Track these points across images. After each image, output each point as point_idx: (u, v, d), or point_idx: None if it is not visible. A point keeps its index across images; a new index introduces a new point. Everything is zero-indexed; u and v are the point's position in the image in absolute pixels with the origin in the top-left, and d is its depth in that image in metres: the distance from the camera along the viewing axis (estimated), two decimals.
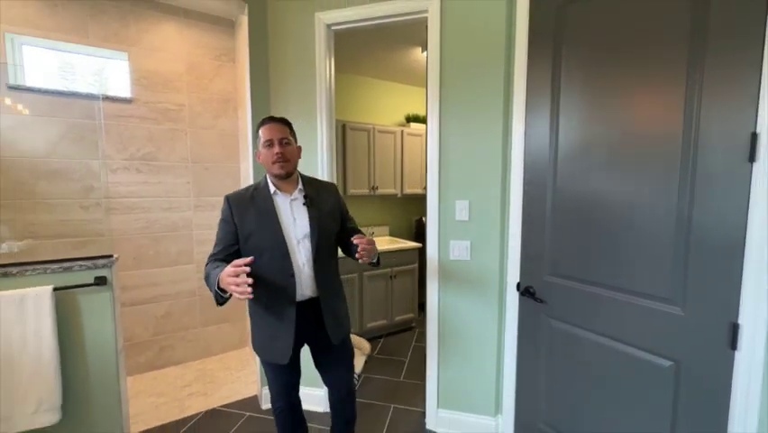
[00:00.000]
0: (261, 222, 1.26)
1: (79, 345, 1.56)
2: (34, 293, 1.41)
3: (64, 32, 2.23)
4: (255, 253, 1.21)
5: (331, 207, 1.39)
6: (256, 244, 1.25)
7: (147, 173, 2.49)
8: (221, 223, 1.30)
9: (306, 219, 1.30)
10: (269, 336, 1.30)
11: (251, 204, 1.28)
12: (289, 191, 1.32)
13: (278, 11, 1.91)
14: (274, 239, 1.25)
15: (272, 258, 1.25)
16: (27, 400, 1.41)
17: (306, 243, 1.29)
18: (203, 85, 2.66)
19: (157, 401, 2.14)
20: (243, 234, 1.26)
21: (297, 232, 1.29)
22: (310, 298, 1.31)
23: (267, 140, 1.28)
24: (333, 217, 1.40)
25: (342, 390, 1.47)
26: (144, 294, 2.50)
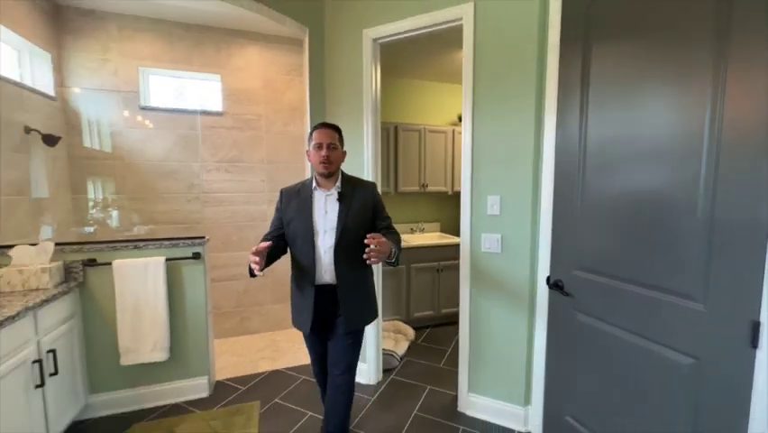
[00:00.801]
0: (299, 212, 1.46)
1: (181, 304, 2.04)
2: (154, 261, 1.91)
3: (176, 62, 2.84)
4: (292, 238, 1.47)
5: (362, 204, 1.49)
6: (293, 230, 1.47)
7: (233, 173, 3.02)
8: (275, 210, 1.56)
9: (334, 214, 1.44)
10: (297, 309, 1.52)
11: (296, 196, 1.50)
12: (328, 188, 1.48)
13: (333, 31, 2.20)
14: (305, 227, 1.44)
15: (302, 243, 1.44)
16: (147, 340, 1.91)
17: (331, 234, 1.42)
18: (276, 97, 3.11)
19: (236, 360, 2.61)
20: (286, 220, 1.49)
21: (325, 223, 1.43)
22: (329, 284, 1.44)
23: (317, 143, 1.44)
24: (363, 214, 1.48)
25: (338, 384, 1.48)
26: (229, 272, 3.04)
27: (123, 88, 2.72)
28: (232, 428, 1.82)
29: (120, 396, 1.96)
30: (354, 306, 1.48)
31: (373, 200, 1.54)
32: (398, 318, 3.01)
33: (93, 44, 2.63)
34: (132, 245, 1.94)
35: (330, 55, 2.23)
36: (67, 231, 2.55)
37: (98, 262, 1.87)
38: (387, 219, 1.58)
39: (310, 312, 1.44)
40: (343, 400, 1.50)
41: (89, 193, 2.76)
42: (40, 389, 1.51)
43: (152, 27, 2.75)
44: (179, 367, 2.07)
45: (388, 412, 1.97)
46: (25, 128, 2.18)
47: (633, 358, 1.29)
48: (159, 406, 2.01)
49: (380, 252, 1.29)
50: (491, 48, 1.75)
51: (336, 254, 1.41)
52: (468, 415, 1.94)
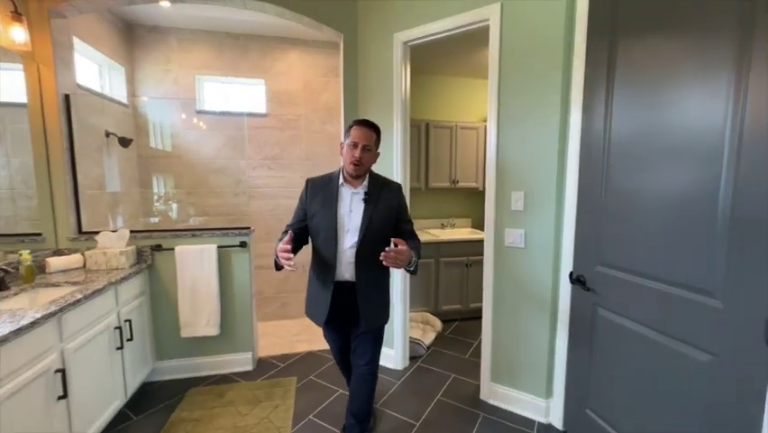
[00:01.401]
0: (324, 207, 1.45)
1: (230, 286, 2.30)
2: (208, 248, 2.18)
3: (225, 69, 3.13)
4: (315, 231, 1.46)
5: (388, 206, 1.49)
6: (316, 224, 1.46)
7: (274, 169, 3.27)
8: (298, 201, 1.55)
9: (359, 213, 1.44)
10: (312, 300, 1.54)
11: (321, 190, 1.48)
12: (355, 186, 1.48)
13: (365, 36, 2.33)
14: (328, 223, 1.43)
15: (325, 238, 1.43)
16: (202, 315, 2.19)
17: (354, 233, 1.43)
18: (314, 98, 3.32)
19: (276, 341, 2.87)
20: (309, 213, 1.48)
21: (349, 222, 1.44)
22: (348, 281, 1.45)
23: (353, 141, 1.41)
24: (388, 216, 1.49)
25: (362, 373, 1.55)
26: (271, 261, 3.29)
27: (181, 95, 3.06)
28: (272, 398, 2.04)
29: (179, 364, 2.27)
30: (372, 307, 1.49)
31: (398, 202, 1.55)
32: (426, 310, 3.11)
33: (157, 56, 2.98)
34: (191, 234, 2.22)
35: (363, 58, 2.36)
36: (136, 221, 2.94)
37: (163, 247, 2.17)
38: (409, 223, 1.60)
39: (326, 307, 1.44)
40: (367, 387, 1.57)
41: (154, 188, 3.14)
42: (119, 351, 1.81)
43: (206, 38, 3.06)
44: (228, 342, 2.34)
45: (413, 395, 2.10)
46: (105, 132, 2.55)
47: (652, 354, 1.31)
48: (210, 375, 2.29)
49: (398, 259, 1.30)
50: (518, 47, 1.78)
51: (358, 254, 1.42)
52: (490, 403, 2.01)
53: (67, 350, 1.44)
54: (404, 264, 1.36)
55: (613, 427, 1.49)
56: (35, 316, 1.28)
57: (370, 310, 1.49)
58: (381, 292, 1.57)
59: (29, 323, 1.23)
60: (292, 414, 1.91)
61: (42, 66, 1.93)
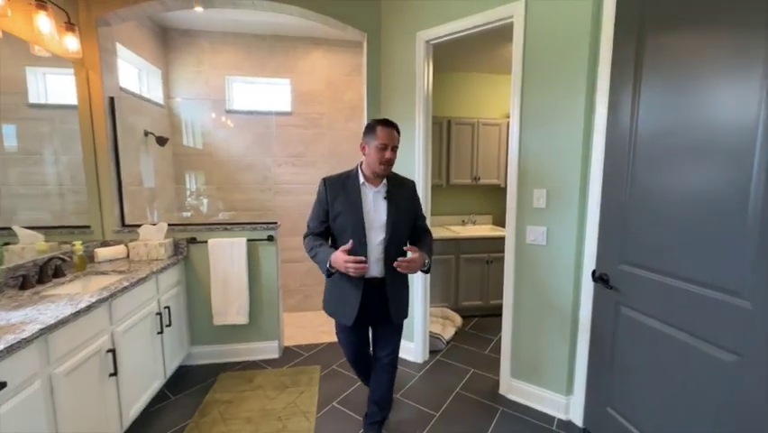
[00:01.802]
0: (349, 206, 1.46)
1: (258, 278, 2.42)
2: (238, 241, 2.30)
3: (253, 69, 3.25)
4: (340, 230, 1.48)
5: (407, 204, 1.56)
6: (342, 223, 1.47)
7: (298, 166, 3.38)
8: (317, 202, 1.52)
9: (384, 211, 1.48)
10: (338, 301, 1.53)
11: (342, 189, 1.48)
12: (376, 184, 1.50)
13: (388, 35, 2.37)
14: (355, 222, 1.44)
15: (352, 237, 1.43)
16: (233, 305, 2.32)
17: (380, 230, 1.47)
18: (337, 96, 3.39)
19: (300, 331, 2.99)
20: (333, 213, 1.47)
21: (374, 220, 1.47)
22: (377, 278, 1.49)
23: (383, 143, 1.42)
24: (408, 213, 1.56)
25: (384, 364, 1.62)
26: (295, 255, 3.43)
27: (212, 96, 3.20)
28: (298, 385, 2.15)
29: (212, 349, 2.41)
30: (400, 300, 1.57)
31: (414, 199, 1.62)
32: (446, 306, 3.15)
33: (190, 59, 3.13)
34: (222, 227, 2.35)
35: (386, 57, 2.41)
36: (170, 215, 3.12)
37: (197, 240, 2.31)
38: (423, 219, 1.67)
39: (357, 305, 1.47)
40: (389, 378, 1.65)
41: (186, 184, 3.32)
42: (160, 335, 1.96)
43: (234, 40, 3.18)
44: (256, 331, 2.46)
45: (432, 388, 2.15)
46: (144, 131, 2.72)
47: (675, 353, 1.30)
48: (240, 361, 2.43)
49: (411, 267, 1.43)
50: (542, 43, 1.78)
51: (386, 250, 1.46)
52: (509, 398, 2.04)
53: (116, 332, 1.58)
54: (416, 270, 1.47)
55: (635, 425, 1.50)
56: (91, 300, 1.41)
57: (398, 304, 1.56)
58: (406, 286, 1.64)
59: (86, 306, 1.36)
60: (317, 400, 2.00)
61: (91, 71, 2.09)
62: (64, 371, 1.27)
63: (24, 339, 1.08)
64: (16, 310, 1.31)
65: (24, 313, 1.28)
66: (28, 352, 1.12)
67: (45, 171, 1.92)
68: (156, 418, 1.87)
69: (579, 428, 1.80)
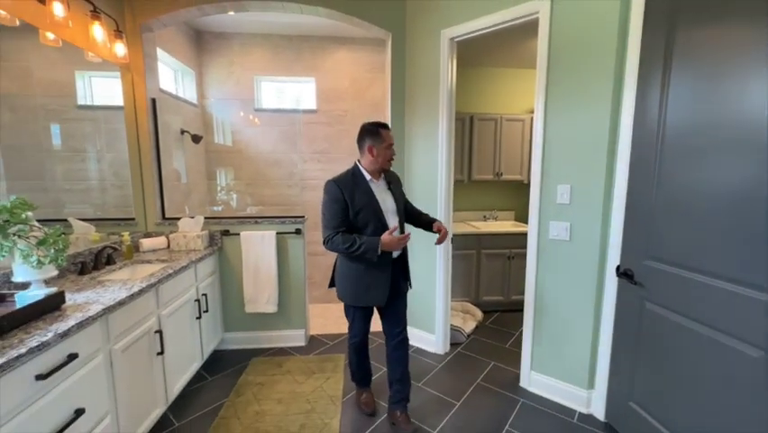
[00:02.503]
0: (366, 201, 1.63)
1: (286, 269, 2.54)
2: (268, 234, 2.43)
3: (280, 69, 3.37)
4: (362, 224, 1.62)
5: (401, 191, 1.87)
6: (363, 217, 1.62)
7: (323, 162, 3.49)
8: (332, 203, 1.61)
9: (391, 199, 1.72)
10: (366, 287, 1.67)
11: (355, 188, 1.63)
12: (378, 179, 1.71)
13: (413, 34, 2.42)
14: (374, 214, 1.64)
15: (375, 227, 1.62)
16: (263, 293, 2.45)
17: (393, 216, 1.70)
18: (360, 94, 3.47)
19: (324, 321, 3.10)
20: (354, 210, 1.61)
21: (386, 208, 1.68)
22: (395, 259, 1.71)
23: (390, 143, 1.67)
24: (402, 198, 1.87)
25: (400, 340, 1.77)
26: (319, 249, 3.53)
27: (242, 95, 3.35)
28: (324, 371, 2.25)
29: (244, 336, 2.56)
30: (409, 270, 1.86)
31: (402, 187, 1.93)
32: (467, 300, 3.18)
33: (222, 61, 3.28)
34: (254, 221, 2.48)
35: (410, 55, 2.45)
36: (203, 209, 3.30)
37: (230, 232, 2.45)
38: (408, 201, 1.98)
39: (388, 284, 1.67)
40: (406, 351, 1.79)
41: (217, 179, 3.49)
42: (198, 320, 2.11)
43: (263, 41, 3.31)
44: (284, 319, 2.59)
45: (453, 378, 2.21)
46: (180, 130, 2.89)
47: (701, 348, 1.31)
48: (269, 347, 2.57)
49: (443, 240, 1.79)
50: (567, 39, 1.78)
51: (401, 231, 1.73)
52: (529, 391, 2.07)
53: (162, 315, 1.73)
54: None
55: (658, 420, 1.51)
56: (141, 285, 1.56)
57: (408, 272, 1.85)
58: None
59: (138, 291, 1.51)
60: (342, 386, 2.10)
61: (135, 75, 2.25)
62: (121, 347, 1.41)
63: (91, 317, 1.22)
64: (79, 293, 1.46)
65: (87, 295, 1.43)
66: (93, 329, 1.26)
67: (90, 168, 2.10)
68: (196, 395, 2.02)
69: (600, 422, 1.81)
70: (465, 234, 3.12)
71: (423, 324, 2.56)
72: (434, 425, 1.80)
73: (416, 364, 2.33)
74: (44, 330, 1.09)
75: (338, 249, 1.62)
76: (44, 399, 1.04)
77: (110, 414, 1.33)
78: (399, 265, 1.77)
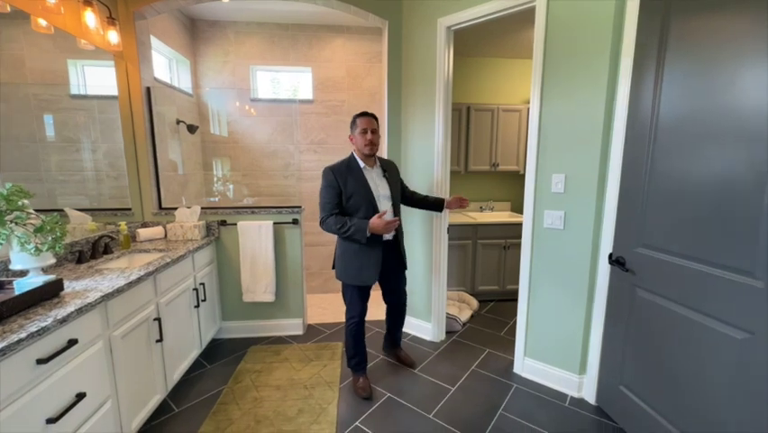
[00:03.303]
0: (358, 187, 1.79)
1: (284, 259, 2.56)
2: (265, 224, 2.44)
3: (276, 59, 3.34)
4: (355, 208, 1.78)
5: (396, 178, 2.00)
6: (355, 202, 1.79)
7: (320, 153, 3.48)
8: (328, 188, 1.77)
9: (386, 185, 1.87)
10: (359, 267, 1.83)
11: (349, 174, 1.79)
12: (372, 166, 1.86)
13: (409, 22, 2.40)
14: (366, 198, 1.79)
15: (366, 210, 1.78)
16: (261, 283, 2.47)
17: (386, 201, 1.86)
18: (357, 83, 3.45)
19: (321, 311, 3.13)
20: (346, 194, 1.78)
21: (379, 193, 1.83)
22: (387, 240, 1.89)
23: (363, 129, 1.79)
24: (398, 185, 2.02)
25: (401, 297, 2.15)
26: (317, 239, 3.57)
27: (237, 85, 3.32)
28: (321, 358, 2.29)
29: (241, 325, 2.59)
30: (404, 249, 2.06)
31: (398, 174, 2.07)
32: (463, 290, 3.22)
33: (217, 50, 3.24)
34: (250, 211, 2.48)
35: (406, 44, 2.44)
36: (199, 200, 3.30)
37: (228, 222, 2.46)
38: (407, 187, 2.17)
39: (378, 267, 1.83)
40: (404, 314, 2.21)
41: (214, 170, 3.48)
42: (196, 309, 2.13)
43: (258, 30, 3.27)
44: (282, 308, 2.62)
45: (449, 364, 2.25)
46: (176, 120, 2.87)
47: (688, 332, 1.34)
48: (267, 336, 2.60)
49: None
50: (564, 27, 1.78)
51: (394, 214, 1.87)
52: (523, 376, 2.11)
53: (161, 303, 1.74)
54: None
55: (646, 402, 1.55)
56: (139, 273, 1.57)
57: (403, 253, 2.05)
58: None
59: (136, 279, 1.52)
60: (339, 373, 2.14)
61: (129, 63, 2.23)
62: (120, 334, 1.43)
63: (90, 303, 1.24)
64: (77, 281, 1.47)
65: (85, 283, 1.44)
66: (92, 315, 1.27)
67: (85, 158, 2.09)
68: (195, 382, 2.05)
69: (591, 405, 1.86)
70: (462, 224, 3.14)
71: (419, 313, 2.59)
72: (429, 409, 1.84)
73: (412, 352, 2.37)
74: (44, 316, 1.11)
75: (331, 229, 1.79)
76: (46, 382, 1.06)
77: (111, 399, 1.35)
78: (393, 247, 1.94)
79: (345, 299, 1.97)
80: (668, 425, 1.43)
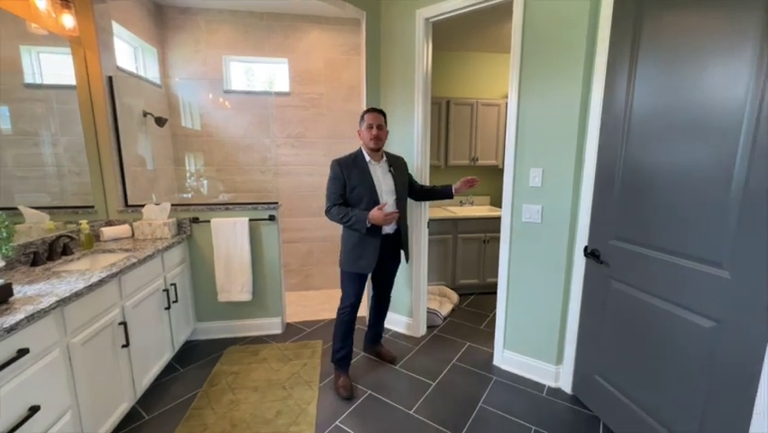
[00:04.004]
0: (362, 179, 1.84)
1: (261, 256, 2.48)
2: (240, 221, 2.35)
3: (251, 49, 3.21)
4: (357, 199, 1.83)
5: (403, 174, 2.04)
6: (358, 194, 1.84)
7: (298, 147, 3.39)
8: (333, 180, 1.85)
9: (390, 181, 1.92)
10: (357, 256, 1.89)
11: (354, 167, 1.85)
12: (378, 161, 1.92)
13: (388, 13, 2.35)
14: (369, 191, 1.84)
15: (368, 203, 1.83)
16: (237, 282, 2.39)
17: (389, 195, 1.90)
18: (336, 76, 3.37)
19: (301, 309, 3.08)
20: (350, 186, 1.84)
21: (383, 188, 1.88)
22: (389, 234, 1.93)
23: (369, 124, 1.84)
24: (405, 180, 2.04)
25: (389, 291, 2.22)
26: (296, 235, 3.49)
27: (210, 75, 3.17)
28: (301, 357, 2.24)
29: (217, 325, 2.50)
30: (407, 242, 2.09)
31: (407, 170, 2.12)
32: (444, 284, 3.23)
33: (187, 38, 3.09)
34: (225, 207, 2.39)
35: (385, 36, 2.39)
36: (171, 196, 3.15)
37: (200, 219, 2.35)
38: (416, 182, 2.20)
39: (377, 252, 1.87)
40: (387, 308, 2.27)
41: (186, 165, 3.33)
42: (167, 311, 2.03)
43: (231, 18, 3.13)
44: (260, 307, 2.55)
45: (430, 359, 2.25)
46: (143, 112, 2.71)
47: (659, 322, 1.38)
48: (245, 336, 2.52)
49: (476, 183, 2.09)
50: (541, 21, 1.78)
51: (398, 208, 1.90)
52: (502, 368, 2.14)
53: (126, 306, 1.65)
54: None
55: (620, 391, 1.59)
56: (101, 275, 1.47)
57: (406, 246, 2.07)
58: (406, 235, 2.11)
59: (97, 281, 1.42)
60: (319, 372, 2.10)
61: (88, 50, 2.08)
62: (80, 341, 1.34)
63: (42, 309, 1.14)
64: (31, 285, 1.36)
65: (39, 287, 1.34)
66: (46, 322, 1.18)
67: (45, 153, 1.94)
68: (168, 387, 1.96)
69: (567, 394, 1.90)
70: (442, 218, 3.14)
71: (400, 308, 2.58)
72: (410, 405, 1.83)
73: (393, 348, 2.36)
74: None
75: (335, 219, 1.86)
76: None
77: (70, 410, 1.26)
78: (395, 241, 2.00)
79: (342, 287, 1.99)
80: (641, 412, 1.47)
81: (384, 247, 1.91)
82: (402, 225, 1.99)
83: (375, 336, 2.30)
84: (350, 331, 1.99)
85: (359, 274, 1.93)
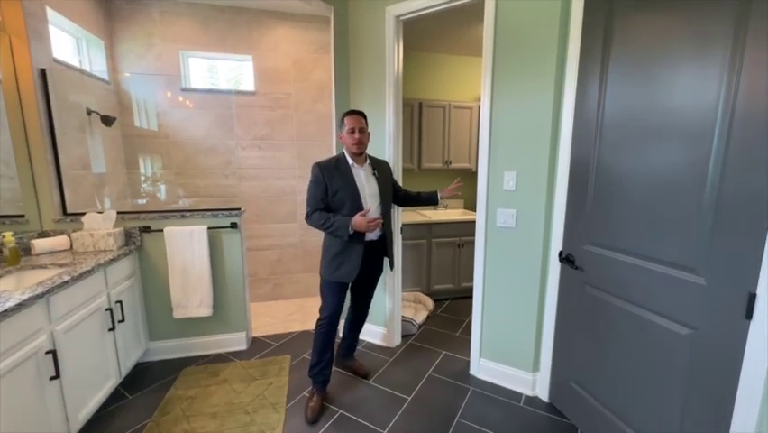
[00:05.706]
0: (345, 184, 1.74)
1: (222, 267, 2.29)
2: (198, 229, 2.15)
3: (212, 44, 3.01)
4: (340, 204, 1.74)
5: (387, 177, 1.95)
6: (340, 198, 1.73)
7: (265, 149, 3.21)
8: (314, 183, 1.74)
9: (374, 185, 1.83)
10: (338, 264, 1.77)
11: (336, 171, 1.75)
12: (361, 164, 1.83)
13: (357, 9, 2.24)
14: (352, 196, 1.74)
15: (351, 208, 1.73)
16: (194, 296, 2.19)
17: (373, 199, 1.81)
18: (305, 75, 3.22)
19: (270, 321, 2.89)
20: (332, 190, 1.73)
21: (367, 192, 1.79)
22: (372, 240, 1.83)
23: (350, 127, 1.75)
24: (389, 184, 1.95)
25: (366, 309, 2.11)
26: (263, 243, 3.30)
27: (166, 71, 2.94)
28: (267, 376, 2.08)
29: (173, 344, 2.28)
30: (392, 249, 1.99)
31: (391, 174, 2.04)
32: (418, 290, 3.16)
33: (139, 30, 2.84)
34: (180, 215, 2.18)
35: (354, 33, 2.28)
36: (123, 202, 2.88)
37: (152, 228, 2.14)
38: (401, 187, 2.14)
39: (358, 264, 1.77)
40: (365, 318, 2.15)
41: (141, 168, 3.06)
42: (111, 332, 1.81)
43: (189, 11, 2.92)
44: (221, 323, 2.35)
45: (405, 372, 2.15)
46: (87, 110, 2.45)
47: (635, 328, 1.35)
48: (205, 355, 2.32)
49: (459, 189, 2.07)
50: (513, 23, 1.74)
51: (382, 215, 1.82)
52: (479, 378, 2.07)
53: (56, 331, 1.43)
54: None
55: (595, 397, 1.56)
56: (21, 298, 1.26)
57: (391, 253, 1.97)
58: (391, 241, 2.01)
59: (15, 305, 1.21)
60: (286, 391, 1.95)
61: (14, 37, 1.83)
62: None
63: None
64: None
65: None
66: None
67: None
68: (112, 418, 1.74)
69: (544, 403, 1.86)
70: (416, 223, 3.07)
71: (374, 317, 2.46)
72: (383, 424, 1.72)
73: (367, 360, 2.24)
74: None
75: (315, 225, 1.75)
76: None
77: None
78: (379, 249, 1.91)
79: (322, 296, 1.87)
80: (617, 420, 1.44)
81: (367, 254, 1.80)
82: (387, 231, 1.90)
83: (348, 350, 2.17)
84: (328, 344, 1.85)
85: (339, 283, 1.80)
